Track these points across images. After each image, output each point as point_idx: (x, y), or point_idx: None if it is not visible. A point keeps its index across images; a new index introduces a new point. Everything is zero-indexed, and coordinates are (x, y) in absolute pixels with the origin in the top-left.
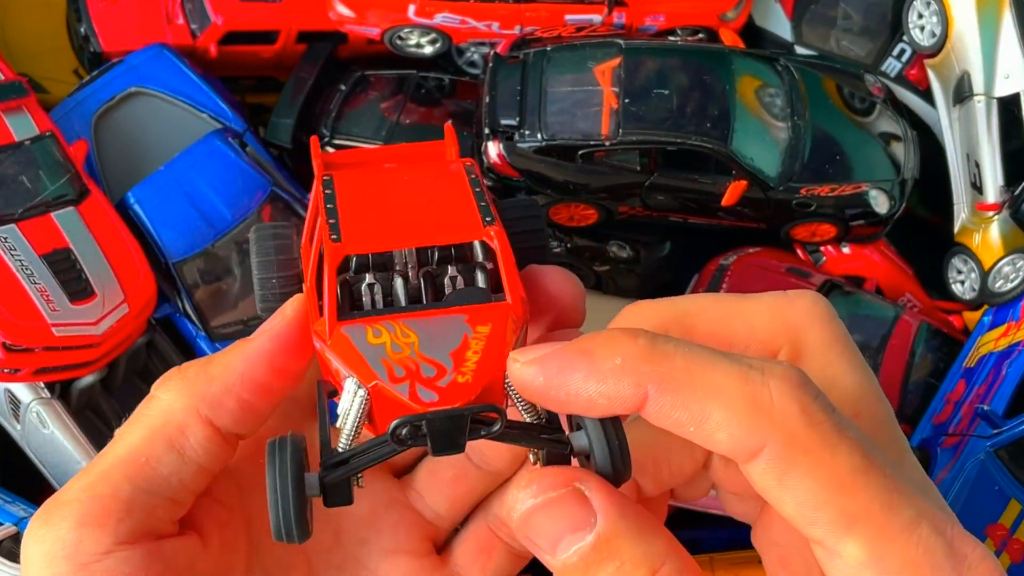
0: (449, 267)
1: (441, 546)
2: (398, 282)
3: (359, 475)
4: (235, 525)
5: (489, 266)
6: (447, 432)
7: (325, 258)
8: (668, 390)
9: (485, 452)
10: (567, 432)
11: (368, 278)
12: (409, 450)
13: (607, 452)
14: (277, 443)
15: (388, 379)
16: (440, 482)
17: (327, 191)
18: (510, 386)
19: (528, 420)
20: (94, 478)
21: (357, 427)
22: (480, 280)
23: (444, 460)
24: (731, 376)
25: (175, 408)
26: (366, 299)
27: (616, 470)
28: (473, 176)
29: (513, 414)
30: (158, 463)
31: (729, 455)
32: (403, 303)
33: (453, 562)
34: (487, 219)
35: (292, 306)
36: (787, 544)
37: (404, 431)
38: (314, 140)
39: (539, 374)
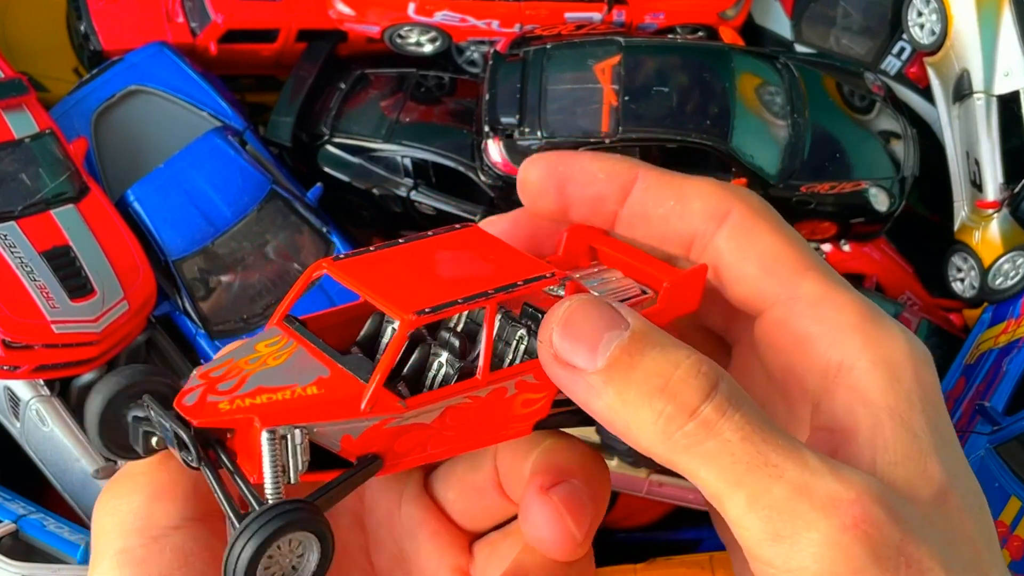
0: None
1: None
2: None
3: (153, 437)
4: None
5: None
6: (171, 434)
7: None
8: (655, 172)
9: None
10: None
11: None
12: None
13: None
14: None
15: (199, 372)
16: (467, 499)
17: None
18: (266, 445)
19: (248, 494)
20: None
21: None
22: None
23: (471, 477)
24: (701, 177)
25: None
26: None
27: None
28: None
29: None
30: None
31: (701, 225)
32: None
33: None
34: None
35: None
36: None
37: (150, 411)
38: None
39: (555, 155)
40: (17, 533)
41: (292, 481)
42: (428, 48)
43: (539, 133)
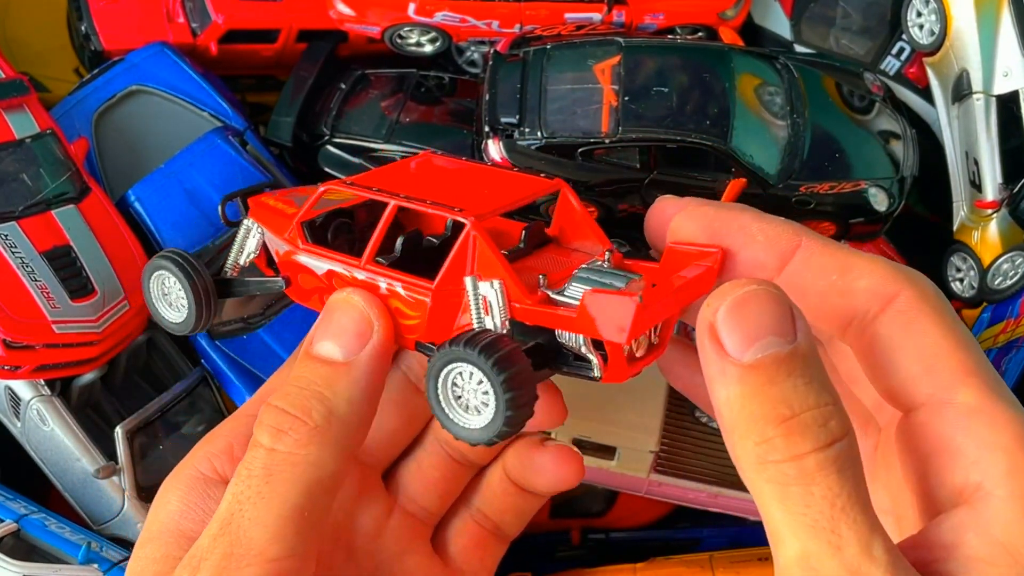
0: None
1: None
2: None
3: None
4: None
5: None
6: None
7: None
8: (820, 241)
9: (467, 453)
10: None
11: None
12: (397, 446)
13: None
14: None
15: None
16: (431, 483)
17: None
18: (241, 230)
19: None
20: (263, 543)
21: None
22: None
23: (427, 461)
24: (877, 256)
25: (326, 460)
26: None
27: None
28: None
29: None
30: (319, 511)
31: (864, 304)
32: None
33: (453, 560)
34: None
35: (378, 323)
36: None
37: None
38: None
39: (716, 207)
40: (19, 533)
41: (242, 262)
42: (428, 48)
43: (539, 133)
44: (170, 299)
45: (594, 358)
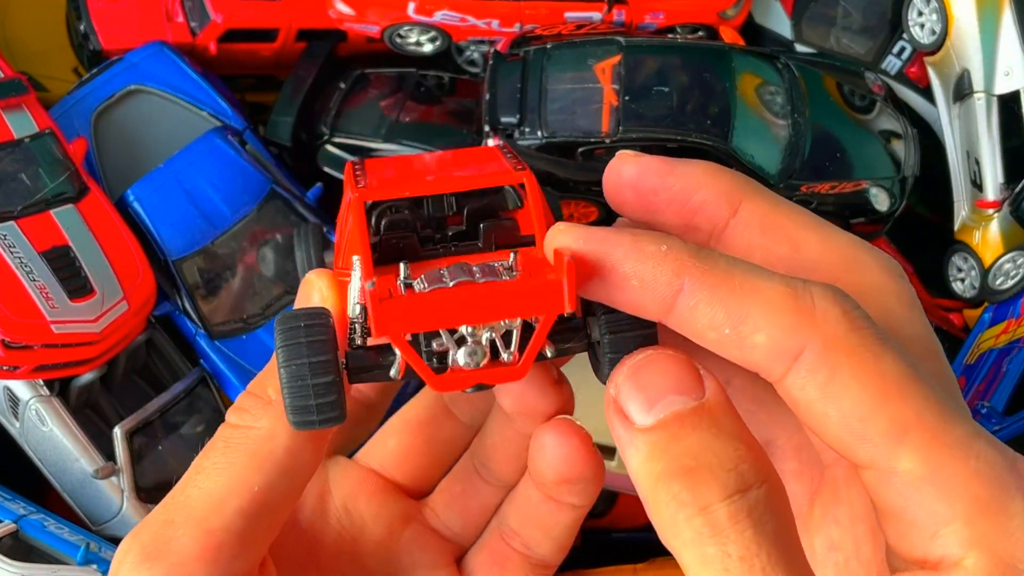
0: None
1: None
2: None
3: None
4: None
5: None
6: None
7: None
8: (706, 285)
9: (489, 465)
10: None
11: None
12: (423, 471)
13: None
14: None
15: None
16: (451, 497)
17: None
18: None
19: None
20: (204, 512)
21: None
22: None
23: (452, 474)
24: (772, 280)
25: (279, 432)
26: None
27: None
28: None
29: None
30: (271, 490)
31: (765, 363)
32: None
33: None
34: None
35: (327, 294)
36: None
37: None
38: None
39: (582, 237)
40: (17, 533)
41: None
42: (428, 48)
43: (539, 133)
44: None
45: (396, 356)
